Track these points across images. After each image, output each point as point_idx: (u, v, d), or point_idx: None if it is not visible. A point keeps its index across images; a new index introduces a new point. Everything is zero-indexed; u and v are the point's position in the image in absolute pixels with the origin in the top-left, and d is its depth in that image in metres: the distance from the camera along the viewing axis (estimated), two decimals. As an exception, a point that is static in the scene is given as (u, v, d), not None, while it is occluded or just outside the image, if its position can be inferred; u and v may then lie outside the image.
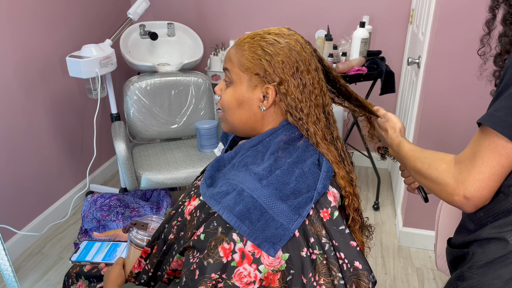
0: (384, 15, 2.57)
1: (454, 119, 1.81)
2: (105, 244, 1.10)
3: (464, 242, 0.85)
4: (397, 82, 2.71)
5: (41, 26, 2.11)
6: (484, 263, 0.78)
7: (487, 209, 0.80)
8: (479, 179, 0.72)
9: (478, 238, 0.81)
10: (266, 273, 0.71)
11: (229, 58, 0.85)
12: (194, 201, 0.81)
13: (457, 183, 0.74)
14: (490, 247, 0.78)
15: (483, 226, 0.81)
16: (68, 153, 2.43)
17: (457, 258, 0.88)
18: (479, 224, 0.82)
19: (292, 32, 0.85)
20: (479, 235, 0.81)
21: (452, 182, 0.75)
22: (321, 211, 0.76)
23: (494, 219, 0.79)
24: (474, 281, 0.79)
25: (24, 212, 2.12)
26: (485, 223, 0.81)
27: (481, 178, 0.72)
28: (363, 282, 0.75)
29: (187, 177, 2.07)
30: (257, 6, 2.72)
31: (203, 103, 2.39)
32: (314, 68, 0.83)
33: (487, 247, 0.79)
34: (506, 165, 0.72)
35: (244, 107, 0.83)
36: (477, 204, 0.74)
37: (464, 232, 0.87)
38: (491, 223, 0.79)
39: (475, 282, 0.78)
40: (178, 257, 0.81)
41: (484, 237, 0.80)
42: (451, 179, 0.76)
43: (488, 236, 0.79)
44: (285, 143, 0.81)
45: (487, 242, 0.79)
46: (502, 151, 0.71)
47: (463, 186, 0.73)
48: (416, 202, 2.03)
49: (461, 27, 1.66)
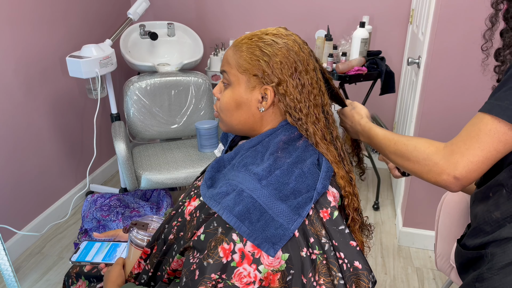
0: (384, 15, 2.57)
1: (454, 119, 1.81)
2: (105, 244, 1.10)
3: (481, 243, 0.85)
4: (397, 82, 2.71)
5: (41, 26, 2.12)
6: (505, 263, 0.79)
7: (503, 211, 0.81)
8: (472, 162, 0.74)
9: (497, 238, 0.81)
10: (266, 273, 0.71)
11: (227, 60, 0.84)
12: (194, 202, 0.81)
13: (447, 164, 0.76)
14: (510, 247, 0.79)
15: (501, 227, 0.82)
16: (68, 153, 2.43)
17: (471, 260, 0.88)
18: (497, 225, 0.83)
19: (290, 32, 0.85)
20: (498, 236, 0.81)
21: (443, 162, 0.76)
22: (321, 211, 0.76)
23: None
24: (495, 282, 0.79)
25: (24, 212, 2.12)
26: (503, 224, 0.82)
27: (475, 161, 0.74)
28: (363, 282, 0.75)
29: (187, 177, 2.07)
30: (257, 6, 2.72)
31: (203, 103, 2.39)
32: (313, 68, 0.83)
33: (507, 247, 0.80)
34: (501, 151, 0.74)
35: (242, 108, 0.83)
36: (464, 185, 0.76)
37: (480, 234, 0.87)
38: (510, 223, 0.80)
39: (497, 283, 0.79)
40: (178, 257, 0.81)
41: (503, 237, 0.81)
42: (441, 160, 0.77)
43: (508, 236, 0.80)
44: (284, 143, 0.81)
45: (506, 242, 0.80)
46: (502, 137, 0.73)
47: (454, 166, 0.75)
48: (416, 202, 2.03)
49: (461, 27, 1.66)
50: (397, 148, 0.86)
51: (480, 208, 0.88)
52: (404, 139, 0.86)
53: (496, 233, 0.82)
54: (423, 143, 0.81)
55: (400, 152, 0.85)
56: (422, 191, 1.98)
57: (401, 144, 0.85)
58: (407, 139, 0.85)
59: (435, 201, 1.93)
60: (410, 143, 0.83)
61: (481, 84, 1.72)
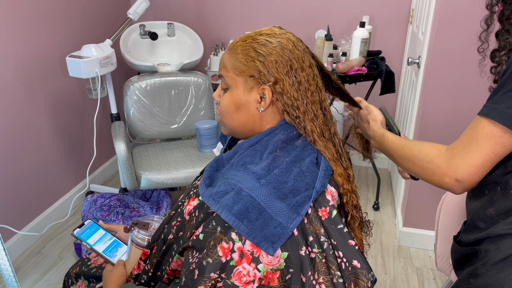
0: (384, 15, 2.57)
1: (454, 119, 1.81)
2: (108, 236, 1.08)
3: (476, 240, 0.87)
4: (397, 82, 2.71)
5: (41, 26, 2.12)
6: (499, 259, 0.81)
7: (497, 207, 0.83)
8: (472, 165, 0.77)
9: (490, 235, 0.83)
10: (265, 272, 0.71)
11: (223, 64, 0.85)
12: (193, 201, 0.81)
13: (449, 167, 0.79)
14: (504, 244, 0.81)
15: (495, 224, 0.83)
16: (68, 153, 2.43)
17: (466, 256, 0.90)
18: (490, 222, 0.84)
19: (284, 31, 0.85)
20: (492, 232, 0.83)
21: (444, 165, 0.79)
22: (320, 210, 0.76)
23: (506, 216, 0.82)
24: (488, 277, 0.81)
25: (24, 212, 2.12)
26: (497, 220, 0.83)
27: (474, 164, 0.77)
28: (362, 281, 0.75)
29: (187, 177, 2.07)
30: (257, 6, 2.72)
31: (203, 103, 2.39)
32: (308, 64, 0.83)
33: (501, 244, 0.81)
34: (500, 154, 0.76)
35: (242, 110, 0.84)
36: (466, 187, 0.79)
37: (475, 230, 0.88)
38: (503, 220, 0.82)
39: (490, 279, 0.81)
40: (178, 257, 0.81)
41: (497, 234, 0.82)
42: (443, 163, 0.80)
43: (502, 232, 0.82)
44: (283, 142, 0.81)
45: (499, 238, 0.82)
46: (499, 140, 0.75)
47: (456, 169, 0.78)
48: (416, 202, 2.03)
49: (461, 27, 1.66)
50: (404, 152, 0.89)
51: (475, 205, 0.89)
52: (411, 143, 0.89)
53: (490, 230, 0.84)
54: (427, 147, 0.84)
55: (407, 156, 0.88)
56: (422, 191, 1.98)
57: (407, 148, 0.89)
58: (413, 143, 0.88)
59: (435, 201, 1.92)
60: (416, 147, 0.87)
61: (481, 84, 1.72)
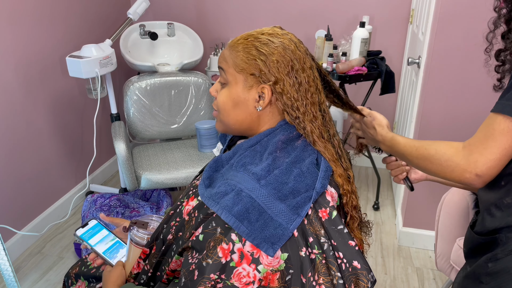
0: (384, 15, 2.57)
1: (454, 119, 1.81)
2: (111, 236, 1.08)
3: (496, 228, 0.90)
4: (397, 82, 2.71)
5: (41, 26, 2.12)
6: None
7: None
8: (490, 159, 0.80)
9: (509, 223, 0.87)
10: (265, 273, 0.71)
11: (224, 58, 0.84)
12: (192, 201, 0.81)
13: (468, 163, 0.82)
14: None
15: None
16: (68, 153, 2.43)
17: (483, 244, 0.93)
18: (508, 210, 0.88)
19: (285, 31, 0.85)
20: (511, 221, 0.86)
21: (464, 162, 0.83)
22: (320, 210, 0.76)
23: None
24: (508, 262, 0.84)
25: (24, 212, 2.12)
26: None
27: (493, 158, 0.80)
28: (362, 282, 0.75)
29: (187, 177, 2.07)
30: (257, 6, 2.72)
31: (203, 103, 2.39)
32: (309, 66, 0.83)
33: None
34: None
35: (240, 108, 0.83)
36: (486, 181, 0.83)
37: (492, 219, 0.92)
38: None
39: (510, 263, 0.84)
40: (177, 257, 0.81)
41: None
42: (462, 159, 0.83)
43: None
44: (283, 142, 0.81)
45: None
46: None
47: (475, 165, 0.81)
48: (416, 202, 2.03)
49: (461, 27, 1.66)
50: (419, 153, 0.92)
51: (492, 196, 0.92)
52: (425, 143, 0.92)
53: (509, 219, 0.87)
54: (443, 146, 0.88)
55: (423, 156, 0.91)
56: (422, 191, 1.98)
57: (422, 149, 0.92)
58: (428, 144, 0.91)
59: (435, 201, 1.92)
60: (431, 147, 0.89)
61: (481, 84, 1.72)
